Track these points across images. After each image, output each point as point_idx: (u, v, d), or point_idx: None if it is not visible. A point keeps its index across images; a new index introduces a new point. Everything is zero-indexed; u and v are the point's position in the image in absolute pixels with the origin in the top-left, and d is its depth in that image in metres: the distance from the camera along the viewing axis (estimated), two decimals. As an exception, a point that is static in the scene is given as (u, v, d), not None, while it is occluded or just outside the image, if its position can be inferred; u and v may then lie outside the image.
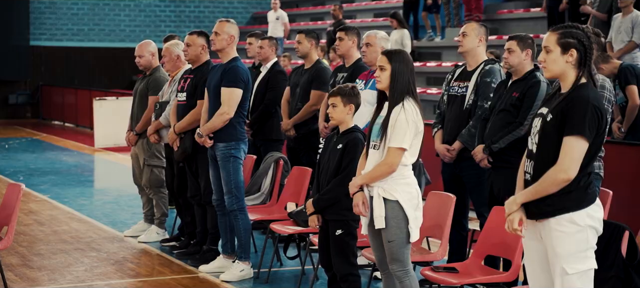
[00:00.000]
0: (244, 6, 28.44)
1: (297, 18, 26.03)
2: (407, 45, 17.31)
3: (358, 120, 8.32)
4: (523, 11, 18.40)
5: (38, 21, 26.85)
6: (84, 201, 12.53)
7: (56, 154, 18.37)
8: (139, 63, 10.00)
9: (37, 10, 26.78)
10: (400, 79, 6.03)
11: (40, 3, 26.81)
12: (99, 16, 27.24)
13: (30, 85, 26.93)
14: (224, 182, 8.19)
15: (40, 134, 22.57)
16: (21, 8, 26.32)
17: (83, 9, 27.18)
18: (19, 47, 26.44)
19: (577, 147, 4.84)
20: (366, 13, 23.29)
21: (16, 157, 17.70)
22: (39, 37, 26.86)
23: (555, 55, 4.97)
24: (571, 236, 4.91)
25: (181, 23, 27.66)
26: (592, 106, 4.85)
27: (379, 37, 8.50)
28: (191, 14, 27.97)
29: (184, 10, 27.94)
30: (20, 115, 26.82)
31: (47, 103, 26.68)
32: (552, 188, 4.88)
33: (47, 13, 26.95)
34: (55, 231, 10.34)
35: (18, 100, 26.76)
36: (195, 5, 28.06)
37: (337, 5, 19.28)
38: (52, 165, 16.52)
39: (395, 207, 5.99)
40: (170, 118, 8.99)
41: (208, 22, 27.89)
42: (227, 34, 8.19)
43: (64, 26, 27.06)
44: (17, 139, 21.29)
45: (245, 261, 8.29)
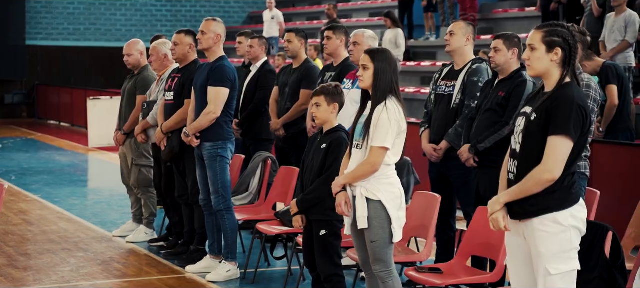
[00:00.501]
0: (240, 6, 28.40)
1: (293, 17, 25.98)
2: (401, 44, 17.26)
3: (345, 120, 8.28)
4: (518, 10, 18.35)
5: (34, 21, 26.80)
6: (74, 201, 12.48)
7: (50, 154, 18.33)
8: (127, 62, 9.97)
9: (33, 10, 26.73)
10: (384, 77, 5.98)
11: (36, 3, 26.76)
12: (95, 16, 27.19)
13: (26, 84, 26.89)
14: (211, 181, 8.14)
15: (35, 134, 22.52)
16: (17, 7, 26.28)
17: (79, 9, 27.13)
18: (15, 47, 26.39)
19: (561, 146, 4.79)
20: (362, 12, 23.24)
21: (10, 157, 17.65)
22: (35, 37, 26.81)
23: (540, 53, 4.92)
24: (554, 236, 4.86)
25: (177, 22, 27.59)
26: (577, 105, 4.81)
27: (367, 36, 8.44)
28: (188, 14, 27.92)
29: (180, 9, 27.89)
30: (16, 115, 26.77)
31: (43, 103, 26.63)
32: (536, 188, 4.83)
33: (43, 12, 26.90)
34: (43, 231, 10.29)
35: (14, 99, 26.72)
36: (192, 5, 28.02)
37: (332, 5, 19.23)
38: (45, 164, 16.47)
39: (378, 207, 5.94)
40: (158, 117, 8.94)
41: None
42: (213, 33, 8.14)
43: (60, 26, 27.01)
44: (12, 139, 21.25)
45: (232, 261, 8.24)
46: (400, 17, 19.75)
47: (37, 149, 19.23)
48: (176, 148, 8.56)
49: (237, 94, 8.32)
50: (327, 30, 9.10)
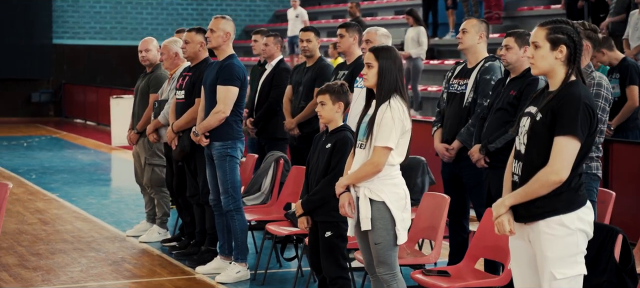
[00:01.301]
0: (266, 4, 28.32)
1: (319, 16, 25.86)
2: (424, 42, 17.08)
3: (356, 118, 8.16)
4: (543, 8, 18.12)
5: (61, 19, 26.86)
6: (92, 200, 12.43)
7: (72, 152, 18.34)
8: (145, 58, 9.88)
9: (59, 9, 26.79)
10: (388, 76, 5.86)
11: (63, 2, 26.82)
12: (121, 14, 27.21)
13: (53, 83, 26.96)
14: (220, 181, 8.04)
15: (60, 132, 22.57)
16: (44, 7, 26.35)
17: (105, 8, 27.17)
18: (42, 46, 26.48)
19: (568, 147, 4.64)
20: (387, 10, 23.09)
21: (32, 155, 17.67)
22: (62, 36, 26.87)
23: (544, 51, 4.78)
24: (560, 239, 4.72)
25: (203, 21, 27.52)
26: (584, 104, 4.66)
27: (379, 34, 8.31)
28: (214, 12, 27.85)
29: (206, 8, 27.86)
30: (43, 114, 26.85)
31: (70, 101, 26.70)
32: (542, 190, 4.69)
33: (69, 11, 26.96)
34: (57, 230, 10.25)
35: (41, 98, 26.81)
36: (218, 3, 27.98)
37: (354, 3, 19.08)
38: (66, 163, 16.47)
39: (381, 208, 5.82)
40: (169, 116, 8.87)
41: (230, 20, 27.80)
42: (222, 31, 8.04)
43: (87, 24, 27.06)
44: (37, 137, 21.30)
45: (241, 262, 8.14)
46: (425, 15, 19.60)
47: (60, 148, 19.24)
48: (187, 148, 8.47)
49: (246, 92, 8.20)
50: (340, 28, 8.98)
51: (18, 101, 26.66)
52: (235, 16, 27.87)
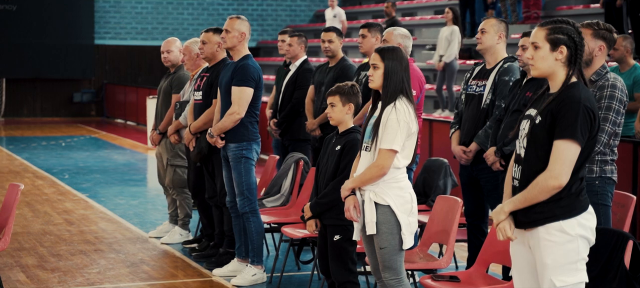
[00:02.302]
0: (307, 4, 28.24)
1: (359, 15, 25.73)
2: (454, 41, 16.88)
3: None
4: (582, 7, 17.83)
5: (103, 20, 27.03)
6: (120, 201, 12.44)
7: (108, 153, 18.41)
8: (167, 59, 9.85)
9: (102, 10, 26.96)
10: (394, 77, 5.75)
11: (105, 2, 26.99)
12: (162, 15, 27.32)
13: (95, 83, 27.14)
14: (236, 183, 7.97)
15: (100, 132, 22.70)
16: (86, 7, 26.54)
17: (147, 8, 27.29)
18: (84, 46, 26.67)
19: (568, 151, 4.50)
20: (426, 10, 22.90)
21: (68, 155, 17.77)
22: (104, 36, 27.03)
23: (544, 52, 4.64)
24: (561, 246, 4.57)
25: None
26: (584, 107, 4.51)
27: (396, 34, 8.18)
28: (254, 12, 27.87)
29: (247, 8, 27.85)
30: (85, 114, 27.05)
31: (111, 101, 26.86)
32: (542, 195, 4.54)
33: (111, 12, 27.12)
34: (81, 231, 10.25)
35: (83, 98, 27.00)
36: (258, 4, 27.96)
37: (390, 3, 18.93)
38: (100, 163, 16.52)
39: (386, 212, 5.71)
40: (188, 117, 8.82)
41: (270, 20, 27.82)
42: (237, 31, 7.97)
43: (128, 25, 27.20)
44: (76, 137, 21.43)
45: (258, 265, 8.05)
46: (462, 15, 19.39)
47: (97, 148, 19.32)
48: (204, 149, 8.41)
49: (262, 93, 8.12)
50: (361, 29, 8.88)
51: (60, 101, 26.89)
52: (276, 16, 27.88)
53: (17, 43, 25.84)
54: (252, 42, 27.64)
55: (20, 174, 14.81)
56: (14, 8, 25.99)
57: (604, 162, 6.18)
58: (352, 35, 23.67)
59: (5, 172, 15.01)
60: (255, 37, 27.71)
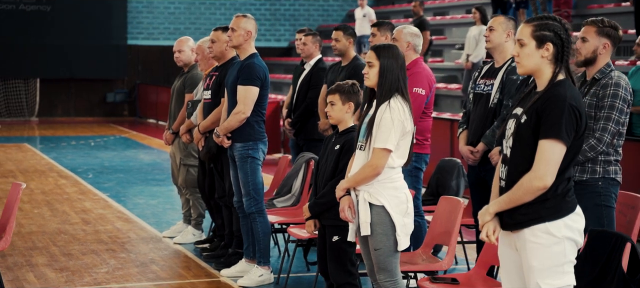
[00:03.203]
0: (340, 4, 28.15)
1: (391, 15, 25.58)
2: (482, 41, 16.69)
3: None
4: (614, 6, 17.58)
5: (135, 20, 27.14)
6: (139, 200, 12.44)
7: (135, 152, 18.44)
8: (178, 58, 9.83)
9: (134, 10, 27.08)
10: (389, 75, 5.65)
11: (138, 3, 27.10)
12: (195, 15, 27.37)
13: (128, 83, 27.27)
14: (242, 183, 7.90)
15: (130, 132, 22.79)
16: (119, 8, 26.67)
17: (180, 8, 27.36)
18: (117, 46, 26.81)
19: (553, 151, 4.37)
20: (458, 9, 22.73)
21: (95, 155, 17.83)
22: (137, 36, 27.15)
23: (530, 49, 4.52)
24: (547, 248, 4.44)
25: (276, 21, 27.59)
26: (569, 105, 4.38)
27: (406, 32, 8.06)
28: (286, 12, 27.84)
29: (279, 8, 27.83)
30: (117, 114, 27.18)
31: (144, 101, 26.96)
32: (527, 196, 4.42)
33: (144, 12, 27.22)
34: (97, 230, 10.24)
35: (116, 98, 27.13)
36: (291, 4, 27.92)
37: (418, 2, 18.78)
38: (126, 163, 16.55)
39: (381, 213, 5.61)
40: (198, 117, 8.77)
41: (303, 20, 27.75)
42: (243, 30, 7.91)
43: (161, 25, 27.28)
44: (106, 137, 21.52)
45: (264, 266, 7.98)
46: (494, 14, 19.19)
47: (125, 148, 19.38)
48: (213, 149, 8.35)
49: (268, 92, 8.05)
50: (372, 27, 8.78)
51: (94, 101, 27.04)
52: (308, 16, 27.82)
53: (51, 43, 26.04)
54: (283, 42, 27.63)
55: (45, 173, 14.88)
56: (48, 9, 26.19)
57: (607, 162, 6.04)
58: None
59: (31, 171, 15.09)
60: (287, 37, 27.67)
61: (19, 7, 26.12)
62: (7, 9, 26.01)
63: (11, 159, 16.76)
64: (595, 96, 6.04)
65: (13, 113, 26.44)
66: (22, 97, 26.57)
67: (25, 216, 11.08)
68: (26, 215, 11.13)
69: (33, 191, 13.02)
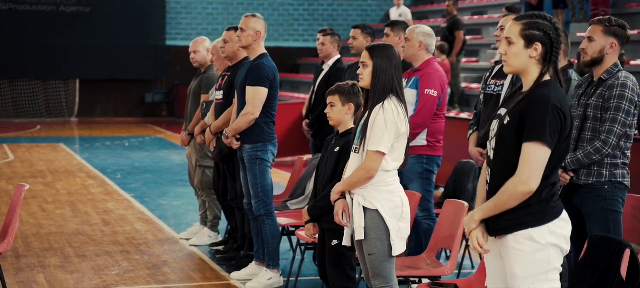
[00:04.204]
0: (378, 4, 27.98)
1: (429, 15, 25.40)
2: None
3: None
4: (653, 4, 17.24)
5: (174, 21, 27.20)
6: (163, 201, 12.39)
7: (167, 153, 18.44)
8: (194, 59, 9.77)
9: (173, 11, 27.14)
10: (383, 76, 5.52)
11: (176, 3, 27.15)
12: (233, 16, 27.34)
13: (166, 84, 27.33)
14: (251, 185, 7.80)
15: (165, 133, 22.82)
16: (158, 9, 26.75)
17: (217, 9, 27.37)
18: (156, 47, 26.89)
19: (537, 154, 4.20)
20: (497, 9, 22.43)
21: (127, 155, 17.86)
22: (175, 37, 27.20)
23: (518, 48, 4.36)
24: (530, 255, 4.28)
25: (314, 22, 27.46)
26: (553, 107, 4.21)
27: (418, 32, 7.91)
28: (325, 13, 27.73)
29: (317, 8, 27.72)
30: (156, 114, 27.26)
31: (182, 102, 26.90)
32: (512, 202, 4.26)
33: (183, 13, 27.27)
34: (115, 232, 10.20)
35: (154, 99, 27.21)
36: (329, 4, 27.81)
37: (452, 1, 18.56)
38: (156, 164, 16.54)
39: (375, 217, 5.48)
40: (210, 117, 8.69)
41: (341, 21, 27.63)
42: (253, 30, 7.81)
43: (199, 26, 27.30)
44: (141, 137, 21.57)
45: (274, 269, 7.87)
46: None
47: (158, 148, 19.39)
48: (225, 150, 8.26)
49: (278, 93, 7.94)
50: (386, 28, 8.64)
51: (133, 102, 27.15)
52: (347, 16, 27.68)
53: (90, 44, 26.18)
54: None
55: (74, 174, 14.91)
56: (88, 10, 26.35)
57: (614, 165, 5.86)
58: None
59: (61, 172, 15.13)
60: (326, 37, 27.52)
61: (59, 8, 26.31)
62: (48, 11, 26.21)
63: (44, 159, 16.83)
64: (601, 97, 5.86)
65: (53, 113, 26.64)
66: (62, 97, 26.76)
67: (47, 217, 11.09)
68: (48, 216, 11.13)
69: (59, 191, 13.04)
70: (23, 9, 26.01)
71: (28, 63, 25.88)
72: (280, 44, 26.72)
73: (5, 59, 25.68)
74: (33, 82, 26.52)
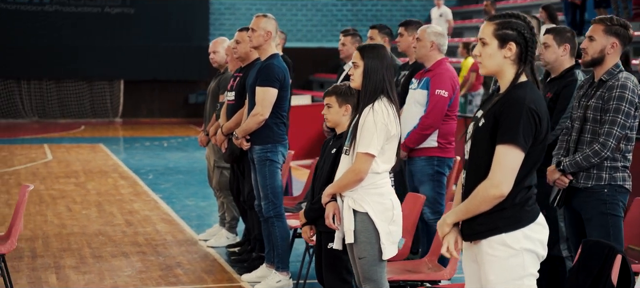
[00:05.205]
0: (422, 4, 27.80)
1: (473, 15, 25.15)
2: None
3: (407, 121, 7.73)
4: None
5: (218, 22, 27.27)
6: (190, 202, 12.40)
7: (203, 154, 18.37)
8: (213, 60, 9.76)
9: (217, 11, 27.21)
10: (373, 76, 5.43)
11: (220, 4, 27.22)
12: (276, 16, 26.93)
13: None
14: (260, 186, 7.75)
15: (206, 133, 22.84)
16: (201, 9, 26.84)
17: (261, 9, 27.35)
18: (199, 48, 26.92)
19: (509, 157, 4.09)
20: (535, 8, 22.13)
21: (163, 156, 17.93)
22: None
23: (492, 49, 4.25)
24: (504, 261, 4.17)
25: (358, 22, 27.34)
26: (528, 109, 4.10)
27: (430, 32, 7.80)
28: (368, 13, 27.61)
29: (361, 8, 27.61)
30: (199, 115, 27.15)
31: (225, 103, 27.02)
32: (484, 205, 4.15)
33: (226, 14, 27.34)
34: (136, 232, 10.21)
35: (198, 100, 27.26)
36: (373, 4, 27.69)
37: (489, 1, 18.35)
38: (190, 165, 16.56)
39: (364, 220, 5.39)
40: (221, 118, 8.66)
41: (385, 21, 27.45)
42: (263, 30, 7.77)
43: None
44: (181, 138, 21.65)
45: (283, 271, 7.81)
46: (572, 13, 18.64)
47: (195, 149, 19.37)
48: (236, 151, 8.21)
49: (289, 94, 7.88)
50: (400, 27, 8.55)
51: (177, 102, 27.28)
52: (391, 16, 27.53)
53: (134, 45, 26.36)
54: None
55: (107, 174, 14.99)
56: (132, 11, 26.53)
57: (613, 168, 5.71)
58: (464, 34, 23.16)
59: (94, 172, 15.22)
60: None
61: (104, 10, 26.52)
62: (93, 12, 26.43)
63: (80, 160, 16.95)
64: (601, 99, 5.71)
65: (98, 114, 26.86)
66: (107, 98, 26.98)
67: (71, 217, 11.14)
68: (73, 216, 11.19)
69: (89, 192, 13.11)
70: (69, 11, 26.27)
71: (73, 64, 26.12)
72: (323, 44, 26.66)
73: (51, 60, 25.94)
74: (78, 83, 26.78)
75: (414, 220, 6.65)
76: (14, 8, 26.04)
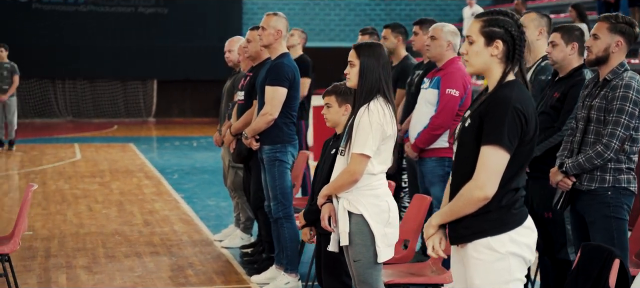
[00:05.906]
0: (457, 3, 27.57)
1: (506, 14, 24.86)
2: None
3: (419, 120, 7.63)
4: None
5: (251, 22, 27.18)
6: (211, 202, 12.35)
7: (231, 154, 18.41)
8: (229, 58, 9.72)
9: (250, 11, 27.20)
10: (369, 75, 5.33)
11: (253, 4, 27.21)
12: (309, 16, 27.29)
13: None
14: (269, 187, 7.67)
15: (237, 133, 22.83)
16: (235, 9, 26.84)
17: (294, 9, 27.33)
18: (232, 48, 26.94)
19: (494, 158, 3.97)
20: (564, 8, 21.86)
21: (190, 156, 17.93)
22: (252, 38, 27.19)
23: (479, 46, 4.13)
24: (489, 265, 4.06)
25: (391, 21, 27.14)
26: (513, 109, 3.97)
27: (446, 31, 7.67)
28: (402, 12, 27.46)
29: (395, 8, 27.48)
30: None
31: (257, 102, 27.00)
32: (468, 207, 4.04)
33: (259, 14, 27.26)
34: (153, 232, 10.17)
35: (231, 99, 27.27)
36: (406, 3, 27.53)
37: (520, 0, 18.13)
38: (216, 164, 16.47)
39: (359, 222, 5.29)
40: (232, 118, 8.59)
41: (418, 20, 27.28)
42: (273, 29, 7.68)
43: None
44: (210, 137, 21.59)
45: (292, 273, 7.72)
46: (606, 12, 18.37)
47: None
48: (244, 151, 8.14)
49: (298, 93, 7.79)
50: (414, 26, 8.43)
51: (209, 102, 27.25)
52: (425, 16, 27.29)
53: (167, 45, 26.44)
54: (399, 42, 27.24)
55: (132, 173, 15.00)
56: (165, 11, 26.61)
57: (618, 170, 5.56)
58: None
59: (121, 171, 15.24)
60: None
61: (137, 9, 26.63)
62: (127, 12, 26.56)
63: (108, 159, 16.99)
64: (604, 99, 5.56)
65: (131, 113, 26.98)
66: (140, 97, 27.08)
67: (91, 216, 11.14)
68: (92, 215, 11.19)
69: (112, 191, 13.11)
70: (102, 11, 26.40)
71: (107, 64, 26.25)
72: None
73: (85, 60, 26.08)
74: (112, 83, 26.91)
75: (420, 222, 6.53)
76: (48, 8, 26.21)
